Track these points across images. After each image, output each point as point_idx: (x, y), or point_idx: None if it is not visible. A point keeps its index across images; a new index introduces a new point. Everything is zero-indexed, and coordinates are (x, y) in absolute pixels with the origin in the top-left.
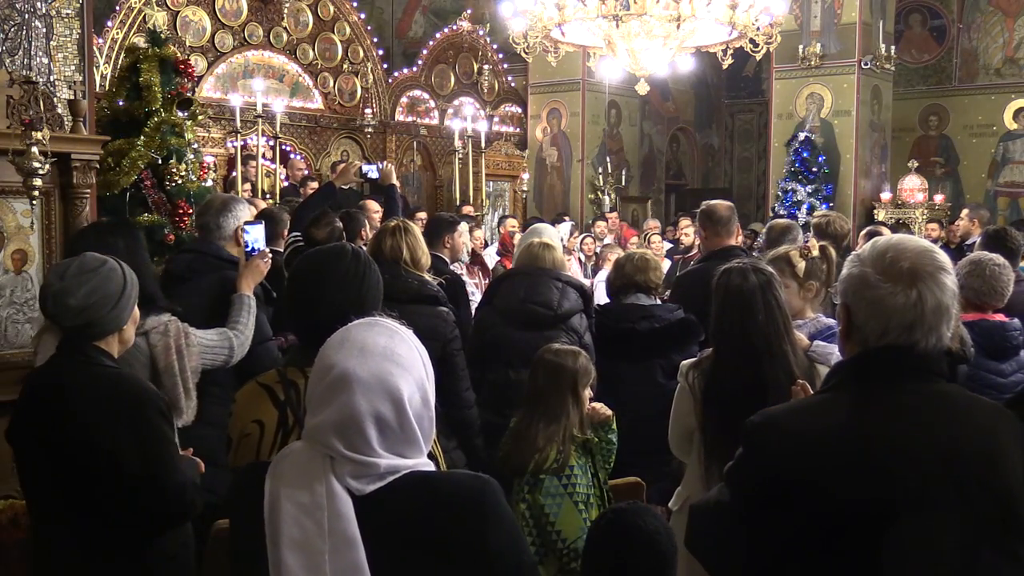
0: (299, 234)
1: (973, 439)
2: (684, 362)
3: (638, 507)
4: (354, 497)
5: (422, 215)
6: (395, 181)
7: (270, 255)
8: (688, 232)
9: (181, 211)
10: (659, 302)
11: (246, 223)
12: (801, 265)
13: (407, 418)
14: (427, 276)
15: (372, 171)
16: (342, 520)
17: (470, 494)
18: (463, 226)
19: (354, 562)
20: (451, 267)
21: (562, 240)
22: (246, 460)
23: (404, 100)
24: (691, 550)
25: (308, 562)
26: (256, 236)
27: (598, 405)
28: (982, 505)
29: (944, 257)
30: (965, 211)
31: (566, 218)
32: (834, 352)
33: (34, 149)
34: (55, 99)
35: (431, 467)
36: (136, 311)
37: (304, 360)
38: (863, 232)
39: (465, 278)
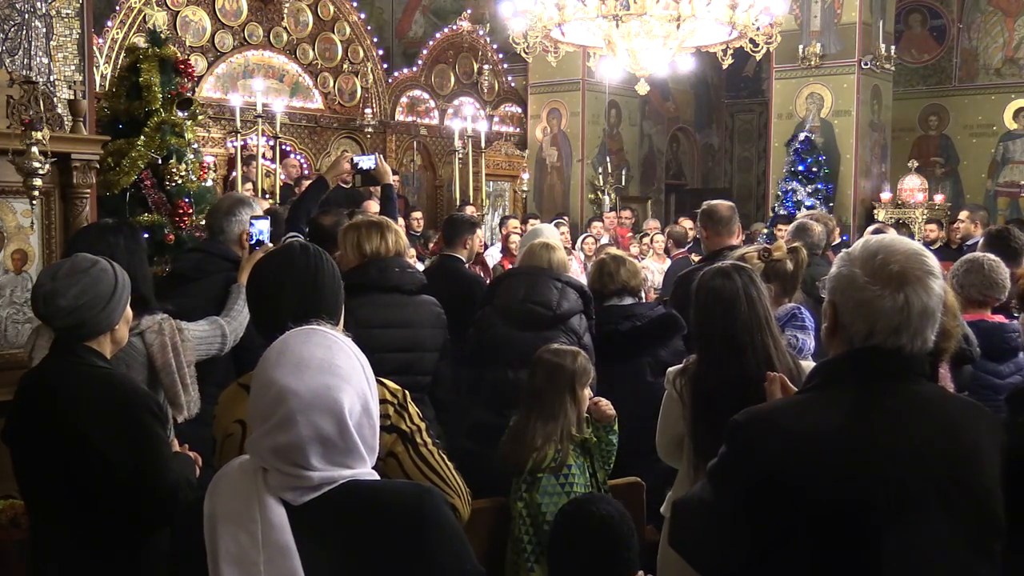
0: (295, 233)
1: (951, 439)
2: (670, 369)
3: (594, 496)
4: (289, 507)
5: (417, 214)
6: (391, 180)
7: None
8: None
9: (181, 211)
10: (640, 300)
11: (253, 216)
12: (759, 267)
13: (348, 432)
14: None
15: (364, 160)
16: (275, 530)
17: (408, 504)
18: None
19: (290, 570)
20: (467, 267)
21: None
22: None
23: (404, 100)
24: (674, 547)
25: (244, 574)
26: (261, 229)
27: (603, 402)
28: (961, 504)
29: (933, 261)
30: (964, 212)
31: (564, 218)
32: (800, 343)
33: (34, 149)
34: (55, 99)
35: (375, 476)
36: (129, 311)
37: None
38: (868, 231)
39: None
